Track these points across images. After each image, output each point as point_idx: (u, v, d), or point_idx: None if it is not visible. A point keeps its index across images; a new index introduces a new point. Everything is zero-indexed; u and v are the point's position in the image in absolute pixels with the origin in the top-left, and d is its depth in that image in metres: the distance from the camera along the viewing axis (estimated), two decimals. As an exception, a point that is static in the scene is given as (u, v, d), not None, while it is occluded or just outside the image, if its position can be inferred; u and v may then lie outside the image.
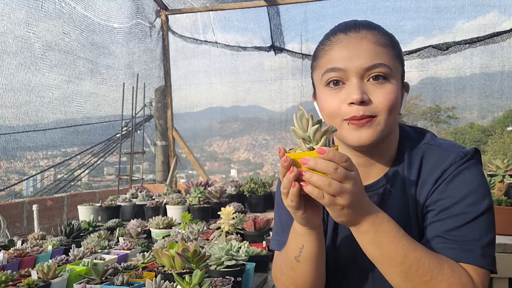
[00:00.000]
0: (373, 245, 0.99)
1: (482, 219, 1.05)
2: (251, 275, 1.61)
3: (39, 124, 4.42)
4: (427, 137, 1.21)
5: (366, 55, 1.08)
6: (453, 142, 1.19)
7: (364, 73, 1.08)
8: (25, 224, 3.72)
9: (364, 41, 1.10)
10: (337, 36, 1.13)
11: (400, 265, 0.98)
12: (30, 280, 1.45)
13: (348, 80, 1.09)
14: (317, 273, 1.14)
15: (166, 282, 1.30)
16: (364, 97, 1.06)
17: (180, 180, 6.48)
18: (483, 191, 1.07)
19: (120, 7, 5.28)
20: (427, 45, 5.33)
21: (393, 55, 1.11)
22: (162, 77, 6.15)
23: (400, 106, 1.14)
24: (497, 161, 2.42)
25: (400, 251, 0.97)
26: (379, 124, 1.08)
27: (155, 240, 2.36)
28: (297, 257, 1.11)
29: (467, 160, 1.10)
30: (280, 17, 5.75)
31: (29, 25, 4.02)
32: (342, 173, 0.90)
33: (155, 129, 6.24)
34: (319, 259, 1.12)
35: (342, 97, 1.10)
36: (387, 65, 1.08)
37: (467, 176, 1.08)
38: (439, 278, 0.97)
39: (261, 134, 8.00)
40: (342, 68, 1.09)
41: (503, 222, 2.18)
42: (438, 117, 10.69)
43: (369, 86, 1.08)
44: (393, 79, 1.10)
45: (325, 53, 1.14)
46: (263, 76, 6.41)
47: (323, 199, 0.91)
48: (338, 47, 1.12)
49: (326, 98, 1.13)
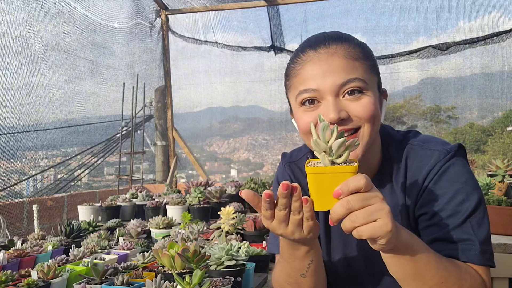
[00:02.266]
0: (409, 262, 0.93)
1: (475, 215, 1.05)
2: (251, 275, 1.61)
3: (39, 124, 4.43)
4: (409, 137, 1.20)
5: (339, 71, 1.04)
6: (436, 139, 1.18)
7: (338, 90, 1.05)
8: (25, 224, 3.72)
9: (335, 57, 1.06)
10: (307, 53, 1.09)
11: (428, 284, 0.95)
12: (30, 280, 1.45)
13: (323, 99, 1.06)
14: (322, 282, 1.14)
15: (166, 282, 1.30)
16: (341, 114, 1.03)
17: (180, 180, 6.48)
18: (471, 186, 1.07)
19: (121, 7, 5.29)
20: (427, 45, 5.33)
21: (367, 67, 1.08)
22: (162, 77, 6.15)
23: (380, 115, 1.11)
24: (497, 161, 2.42)
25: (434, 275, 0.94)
26: (363, 137, 1.06)
27: (155, 240, 2.36)
28: (304, 274, 1.08)
29: (451, 157, 1.10)
30: (280, 17, 5.75)
31: (29, 25, 4.02)
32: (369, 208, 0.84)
33: (155, 129, 6.24)
34: (322, 269, 1.12)
35: (317, 115, 1.06)
36: (361, 79, 1.05)
37: (452, 174, 1.08)
38: (466, 286, 0.97)
39: (261, 134, 8.00)
40: (315, 88, 1.06)
41: (503, 222, 2.18)
42: (438, 117, 10.68)
43: (345, 102, 1.05)
44: (369, 91, 1.07)
45: (297, 72, 1.10)
46: (263, 76, 6.41)
47: (364, 234, 0.85)
48: (309, 66, 1.08)
49: (302, 117, 1.10)
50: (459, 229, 1.03)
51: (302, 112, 1.10)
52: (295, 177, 1.30)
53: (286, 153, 1.38)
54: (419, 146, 1.15)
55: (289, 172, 1.31)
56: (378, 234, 0.83)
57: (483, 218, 1.06)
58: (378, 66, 1.15)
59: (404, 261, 0.92)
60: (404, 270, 0.94)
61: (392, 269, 0.96)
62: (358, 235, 0.84)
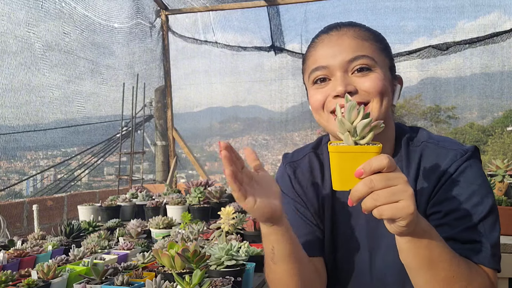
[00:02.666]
0: (424, 251, 0.92)
1: (488, 218, 1.05)
2: (251, 275, 1.61)
3: (39, 124, 4.42)
4: (424, 135, 1.21)
5: (348, 49, 1.10)
6: (450, 139, 1.18)
7: (347, 66, 1.09)
8: (25, 224, 3.72)
9: (344, 37, 1.12)
10: (320, 37, 1.17)
11: (439, 276, 0.94)
12: (30, 280, 1.45)
13: (332, 76, 1.11)
14: (299, 273, 1.09)
15: (166, 282, 1.29)
16: (348, 88, 1.07)
17: (180, 180, 6.48)
18: (486, 190, 1.08)
19: (121, 7, 5.28)
20: (427, 45, 5.33)
21: (376, 48, 1.12)
22: (162, 77, 6.14)
23: (392, 96, 1.13)
24: (497, 161, 2.42)
25: (448, 256, 0.94)
26: (372, 112, 1.07)
27: (155, 240, 2.36)
28: (272, 259, 1.07)
29: (467, 158, 1.10)
30: (280, 17, 5.75)
31: (29, 25, 4.02)
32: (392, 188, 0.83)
33: (155, 129, 6.24)
34: (295, 259, 1.07)
35: (327, 91, 1.12)
36: (369, 57, 1.09)
37: (469, 175, 1.08)
38: (475, 285, 0.97)
39: (261, 134, 8.00)
40: (325, 65, 1.11)
41: (503, 222, 2.16)
42: (438, 117, 10.67)
43: (354, 78, 1.09)
44: (378, 69, 1.09)
45: (310, 54, 1.18)
46: (263, 76, 6.41)
47: (384, 214, 0.84)
48: (320, 47, 1.15)
49: (313, 95, 1.15)
50: (472, 230, 1.03)
51: (314, 91, 1.16)
52: (295, 177, 1.30)
53: (287, 154, 1.38)
54: (434, 144, 1.16)
55: (290, 172, 1.31)
56: (400, 215, 0.82)
57: (495, 222, 1.07)
58: (391, 51, 1.18)
59: (420, 248, 0.91)
60: (417, 258, 0.93)
61: (406, 255, 0.94)
62: (379, 214, 0.83)
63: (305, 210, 1.26)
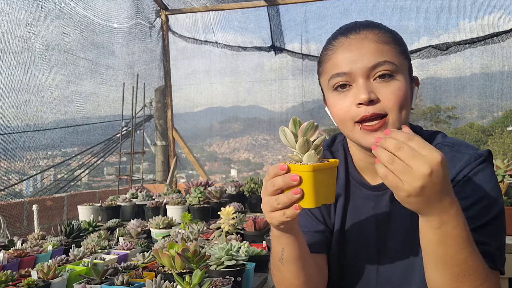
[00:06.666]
0: (437, 243, 0.92)
1: (496, 221, 1.06)
2: (251, 275, 1.61)
3: (39, 124, 4.42)
4: (439, 137, 1.21)
5: (369, 55, 1.07)
6: (465, 142, 1.19)
7: (369, 72, 1.07)
8: (25, 224, 3.72)
9: (365, 41, 1.09)
10: (339, 39, 1.14)
11: (454, 268, 0.94)
12: (30, 280, 1.45)
13: (354, 82, 1.09)
14: (304, 274, 1.14)
15: (166, 282, 1.29)
16: (371, 96, 1.05)
17: (180, 180, 6.47)
18: (496, 193, 1.08)
19: (120, 7, 5.28)
20: (427, 45, 5.33)
21: (397, 51, 1.11)
22: (162, 77, 6.14)
23: (410, 101, 1.13)
24: (497, 161, 2.42)
25: (463, 257, 0.92)
26: (391, 124, 1.07)
27: (155, 240, 2.36)
28: (281, 259, 1.11)
29: (481, 162, 1.10)
30: (280, 17, 5.75)
31: (29, 25, 4.02)
32: (408, 152, 0.84)
33: (155, 129, 6.24)
34: (302, 261, 1.12)
35: (350, 100, 1.09)
36: (391, 62, 1.07)
37: (481, 178, 1.09)
38: (487, 284, 0.97)
39: (261, 134, 8.00)
40: (347, 72, 1.09)
41: (503, 222, 2.18)
42: (438, 117, 10.68)
43: (376, 85, 1.07)
44: (400, 76, 1.09)
45: (329, 58, 1.15)
46: (263, 76, 6.40)
47: (387, 179, 0.87)
48: (340, 51, 1.12)
49: (335, 102, 1.13)
50: (480, 231, 1.03)
51: (335, 98, 1.14)
52: None
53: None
54: (449, 147, 1.16)
55: None
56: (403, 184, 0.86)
57: (502, 225, 1.07)
58: (408, 52, 1.17)
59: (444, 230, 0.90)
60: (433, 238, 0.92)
61: (427, 237, 0.94)
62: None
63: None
